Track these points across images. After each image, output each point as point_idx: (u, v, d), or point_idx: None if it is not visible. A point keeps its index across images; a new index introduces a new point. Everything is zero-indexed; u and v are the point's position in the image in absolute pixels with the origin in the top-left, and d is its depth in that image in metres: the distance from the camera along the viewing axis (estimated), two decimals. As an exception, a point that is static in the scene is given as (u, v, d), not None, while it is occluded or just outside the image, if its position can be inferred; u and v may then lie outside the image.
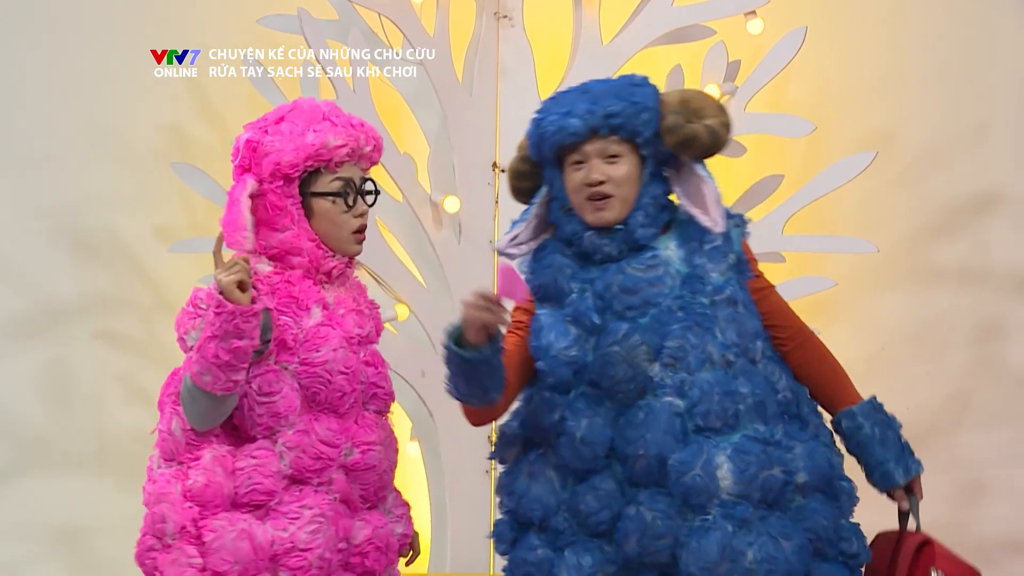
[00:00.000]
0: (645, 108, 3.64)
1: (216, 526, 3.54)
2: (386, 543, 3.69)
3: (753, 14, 5.26)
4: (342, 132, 3.66)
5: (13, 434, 5.28)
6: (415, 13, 5.22)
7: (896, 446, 3.81)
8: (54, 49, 5.32)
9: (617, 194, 3.64)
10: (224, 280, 3.45)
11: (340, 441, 3.62)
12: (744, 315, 3.66)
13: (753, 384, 3.63)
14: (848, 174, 5.17)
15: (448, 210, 5.26)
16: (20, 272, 5.30)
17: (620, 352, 3.62)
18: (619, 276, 3.66)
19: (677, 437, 3.58)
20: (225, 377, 3.48)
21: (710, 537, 3.53)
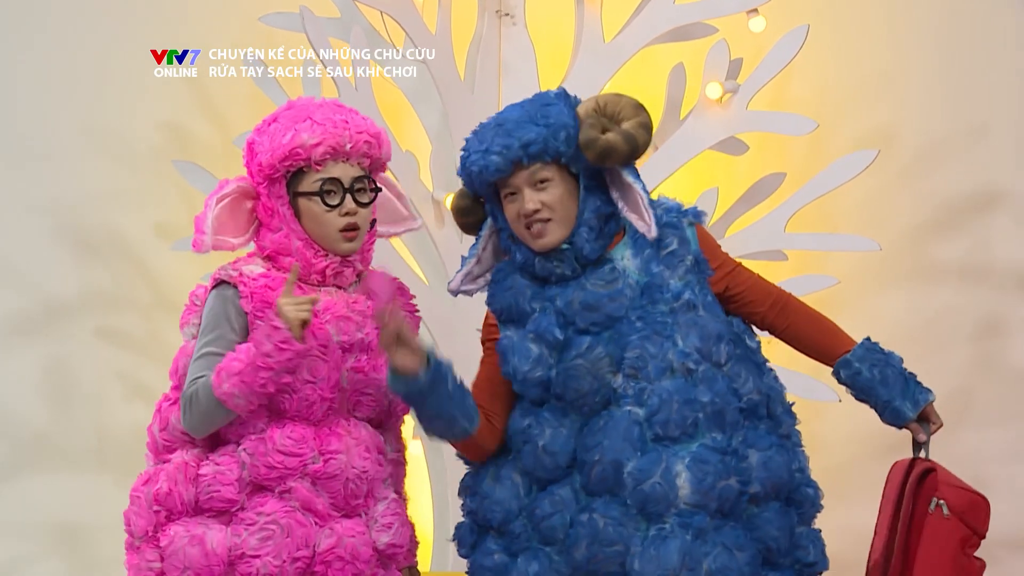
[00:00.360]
0: (561, 127, 3.59)
1: (172, 531, 3.56)
2: (352, 552, 3.62)
3: (755, 12, 5.25)
4: (319, 130, 3.61)
5: (13, 432, 5.29)
6: (417, 11, 5.21)
7: (899, 381, 3.76)
8: (54, 47, 5.32)
9: (554, 217, 3.61)
10: (292, 315, 3.46)
11: (304, 450, 3.57)
12: (705, 318, 3.63)
13: (714, 391, 3.59)
14: (850, 172, 5.17)
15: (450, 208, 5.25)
16: (21, 270, 5.30)
17: (584, 364, 3.60)
18: (580, 293, 3.63)
19: (635, 445, 3.57)
20: (258, 402, 3.51)
21: (669, 545, 3.51)
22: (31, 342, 5.30)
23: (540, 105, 3.64)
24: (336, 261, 3.67)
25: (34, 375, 5.31)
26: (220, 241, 3.65)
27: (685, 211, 3.73)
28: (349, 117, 3.66)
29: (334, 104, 3.70)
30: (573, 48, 5.32)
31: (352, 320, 3.67)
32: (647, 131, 3.60)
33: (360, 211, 3.66)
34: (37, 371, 5.31)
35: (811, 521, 3.74)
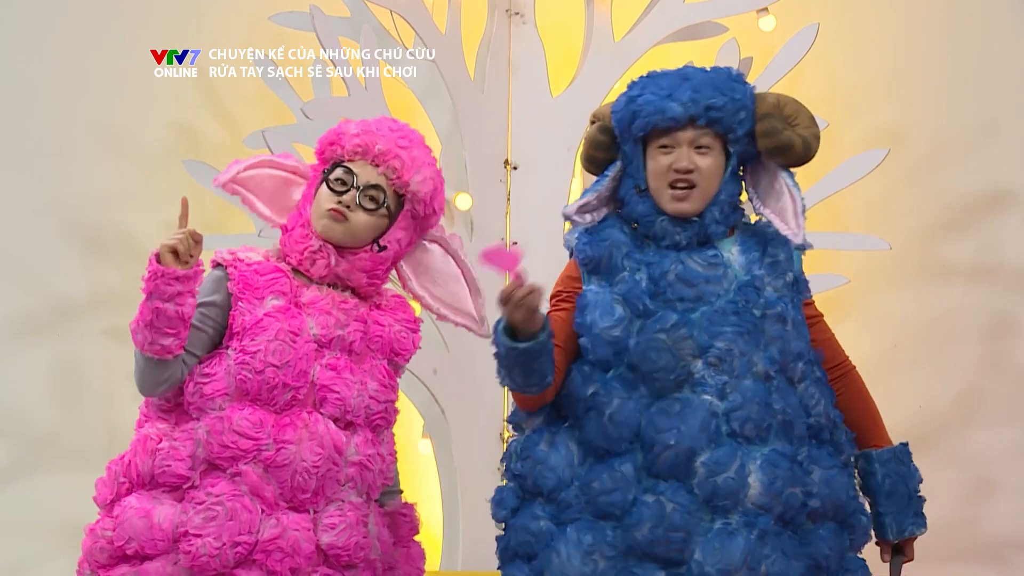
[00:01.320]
0: (743, 107, 3.63)
1: (125, 502, 3.60)
2: (293, 546, 3.60)
3: (765, 11, 5.26)
4: (363, 127, 3.70)
5: (23, 431, 5.29)
6: (427, 10, 5.22)
7: (900, 502, 3.75)
8: (63, 46, 5.32)
9: (701, 185, 3.63)
10: (163, 242, 3.52)
11: (260, 435, 3.58)
12: (791, 334, 3.65)
13: (786, 403, 3.61)
14: (859, 171, 5.17)
15: (460, 207, 5.25)
16: (30, 269, 5.30)
17: (666, 340, 3.59)
18: (678, 265, 3.64)
19: (710, 436, 3.56)
20: (151, 339, 3.54)
21: (735, 540, 3.52)
22: (40, 341, 5.30)
23: (727, 78, 3.67)
24: (314, 245, 3.69)
25: (43, 374, 5.31)
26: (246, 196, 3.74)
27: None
28: (404, 135, 3.73)
29: (406, 129, 3.76)
30: (583, 47, 5.32)
31: (334, 316, 3.69)
32: (818, 143, 3.68)
33: (357, 212, 3.68)
34: (46, 370, 5.31)
35: (860, 548, 3.74)
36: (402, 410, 5.27)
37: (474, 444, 5.25)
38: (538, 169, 5.29)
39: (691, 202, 3.64)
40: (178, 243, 3.51)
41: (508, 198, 5.31)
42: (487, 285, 3.89)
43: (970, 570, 5.39)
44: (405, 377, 5.18)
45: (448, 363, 5.23)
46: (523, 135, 5.31)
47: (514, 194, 5.31)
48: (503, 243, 3.60)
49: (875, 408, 3.82)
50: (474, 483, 5.23)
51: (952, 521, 5.31)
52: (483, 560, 5.22)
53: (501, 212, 5.31)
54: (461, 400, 5.25)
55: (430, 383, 5.20)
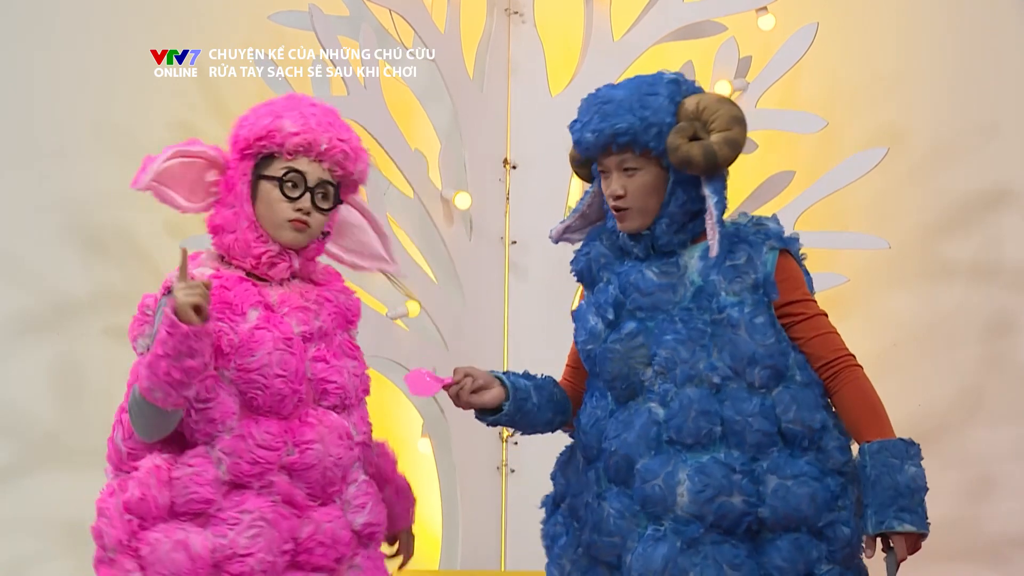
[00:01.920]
0: (654, 123, 3.59)
1: (152, 539, 3.52)
2: (332, 537, 3.62)
3: (764, 10, 5.26)
4: (301, 122, 3.64)
5: (23, 430, 5.29)
6: (426, 9, 5.22)
7: (883, 494, 3.59)
8: (63, 45, 5.32)
9: (634, 206, 3.63)
10: (181, 300, 3.42)
11: (279, 444, 3.58)
12: (742, 338, 3.60)
13: (739, 410, 3.58)
14: (859, 170, 5.17)
15: (459, 206, 5.26)
16: (31, 268, 5.30)
17: (620, 349, 3.64)
18: (638, 275, 3.66)
19: (650, 444, 3.59)
20: (176, 394, 3.47)
21: (658, 548, 3.53)
22: (41, 340, 5.30)
23: (644, 93, 3.64)
24: (274, 250, 3.67)
25: (44, 373, 5.31)
26: (165, 193, 3.69)
27: (771, 234, 3.70)
28: (336, 124, 3.69)
29: (329, 110, 3.71)
30: (582, 46, 5.32)
31: (310, 310, 3.69)
32: (732, 147, 3.59)
33: (315, 214, 3.67)
34: (47, 369, 5.31)
35: (847, 562, 3.64)
36: (401, 409, 5.31)
37: (473, 444, 5.25)
38: (537, 168, 5.30)
39: (630, 221, 3.66)
40: (200, 299, 3.44)
41: (507, 197, 5.32)
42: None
43: (970, 569, 5.39)
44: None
45: (447, 362, 5.23)
46: (522, 134, 5.32)
47: (513, 193, 5.32)
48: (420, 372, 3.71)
49: (875, 405, 3.68)
50: (473, 482, 5.24)
51: (952, 520, 5.30)
52: (482, 559, 5.24)
53: (500, 211, 5.32)
54: (460, 399, 5.25)
55: (429, 382, 5.20)
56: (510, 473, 5.27)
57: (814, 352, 3.68)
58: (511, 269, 5.32)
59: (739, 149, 3.60)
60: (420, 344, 5.21)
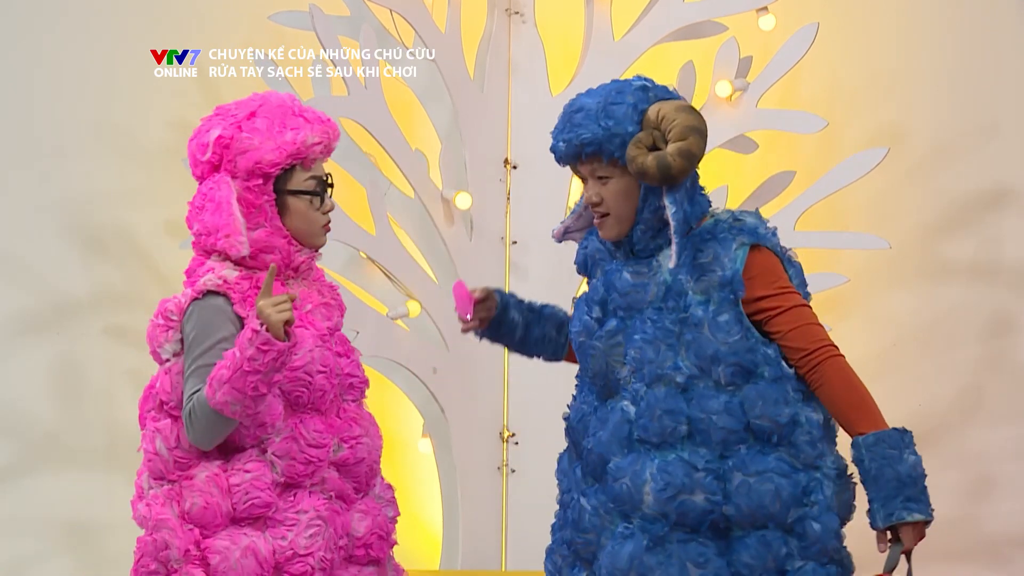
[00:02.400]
0: (617, 133, 3.58)
1: (220, 547, 3.53)
2: (386, 529, 3.69)
3: (765, 10, 5.26)
4: (317, 130, 3.64)
5: (23, 430, 5.29)
6: (426, 9, 5.22)
7: (887, 486, 3.56)
8: (63, 45, 5.32)
9: (612, 212, 3.63)
10: (274, 317, 3.42)
11: (327, 440, 3.60)
12: (705, 338, 3.59)
13: (704, 408, 3.58)
14: (860, 170, 5.17)
15: (459, 206, 5.26)
16: (30, 268, 5.30)
17: (600, 347, 3.65)
18: (618, 275, 3.68)
19: (622, 443, 3.60)
20: (255, 407, 3.48)
21: (625, 546, 3.55)
22: (41, 340, 5.30)
23: (609, 102, 3.62)
24: (311, 256, 3.70)
25: (44, 373, 5.31)
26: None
27: (745, 229, 3.66)
28: (323, 115, 3.70)
29: (299, 101, 3.70)
30: (583, 46, 5.32)
31: (331, 306, 3.71)
32: (686, 158, 3.55)
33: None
34: (47, 369, 5.31)
35: (819, 557, 3.61)
36: (402, 409, 5.31)
37: (474, 443, 5.25)
38: (538, 168, 5.29)
39: (607, 229, 3.66)
40: (291, 315, 3.44)
41: (508, 197, 5.32)
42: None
43: (970, 568, 5.39)
44: (405, 376, 5.22)
45: (448, 362, 5.23)
46: (523, 134, 5.32)
47: (514, 193, 5.32)
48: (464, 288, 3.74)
49: (863, 395, 3.62)
50: (474, 482, 5.24)
51: (952, 520, 5.30)
52: (483, 559, 5.24)
53: (501, 211, 5.32)
54: (461, 399, 5.25)
55: (430, 382, 5.20)
56: (511, 473, 5.27)
57: (793, 345, 3.62)
58: (512, 269, 5.32)
59: (695, 160, 3.57)
60: (421, 344, 5.21)
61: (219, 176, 3.60)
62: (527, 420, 5.28)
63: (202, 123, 3.67)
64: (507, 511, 5.27)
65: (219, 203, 3.58)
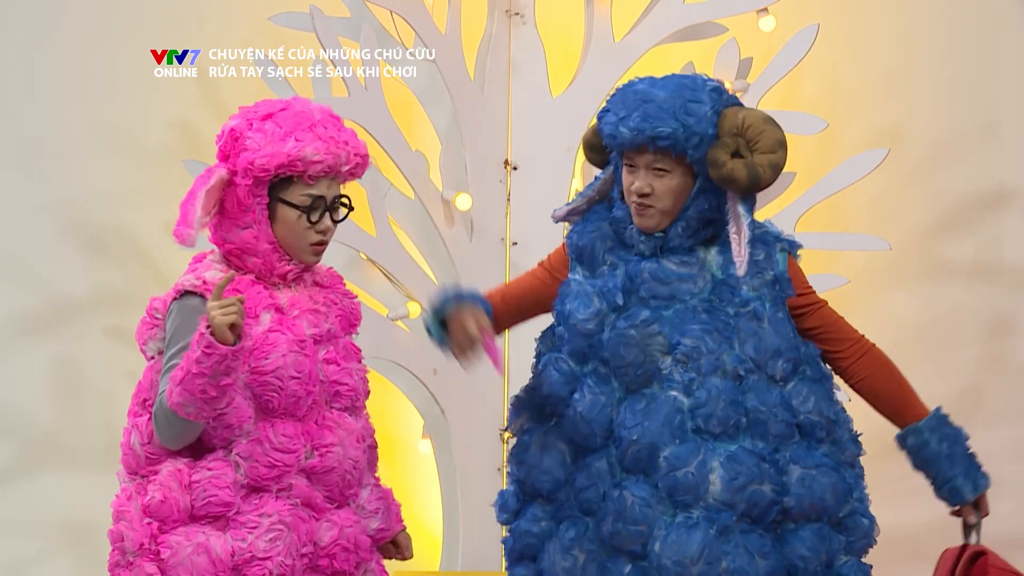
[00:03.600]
0: (697, 133, 3.60)
1: (173, 542, 3.53)
2: (354, 542, 3.65)
3: (765, 11, 5.26)
4: (322, 147, 3.58)
5: (23, 431, 5.29)
6: (427, 10, 5.22)
7: (964, 460, 3.80)
8: (64, 46, 5.32)
9: (658, 206, 3.64)
10: (218, 320, 3.40)
11: (297, 446, 3.58)
12: (767, 331, 3.66)
13: (761, 401, 3.63)
14: (860, 171, 5.17)
15: (460, 207, 5.26)
16: (30, 269, 5.30)
17: (636, 336, 3.64)
18: (653, 264, 3.68)
19: (675, 432, 3.61)
20: (210, 409, 3.48)
21: (693, 535, 3.56)
22: (41, 341, 5.30)
23: (687, 99, 3.64)
24: (298, 267, 3.67)
25: (44, 374, 5.31)
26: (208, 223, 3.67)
27: (782, 237, 3.78)
28: (349, 136, 3.64)
29: (331, 115, 3.66)
30: (583, 47, 5.32)
31: (320, 312, 3.69)
32: (774, 171, 3.61)
33: (331, 228, 3.67)
34: (47, 370, 5.31)
35: (861, 553, 3.73)
36: (402, 410, 5.31)
37: (474, 444, 5.26)
38: (538, 169, 5.30)
39: (650, 219, 3.67)
40: (237, 318, 3.42)
41: (508, 198, 5.32)
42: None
43: (970, 569, 5.40)
44: (405, 377, 5.22)
45: (448, 363, 5.20)
46: (523, 135, 5.32)
47: (514, 194, 5.32)
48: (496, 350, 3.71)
49: (905, 381, 3.83)
50: (474, 483, 5.24)
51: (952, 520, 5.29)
52: (483, 560, 5.24)
53: (501, 212, 5.32)
54: (461, 400, 5.25)
55: (430, 383, 5.20)
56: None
57: (836, 336, 3.78)
58: (512, 270, 5.32)
59: (779, 173, 3.63)
60: (421, 345, 5.20)
61: (216, 165, 3.62)
62: (527, 421, 5.28)
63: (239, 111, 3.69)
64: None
65: (192, 191, 3.60)
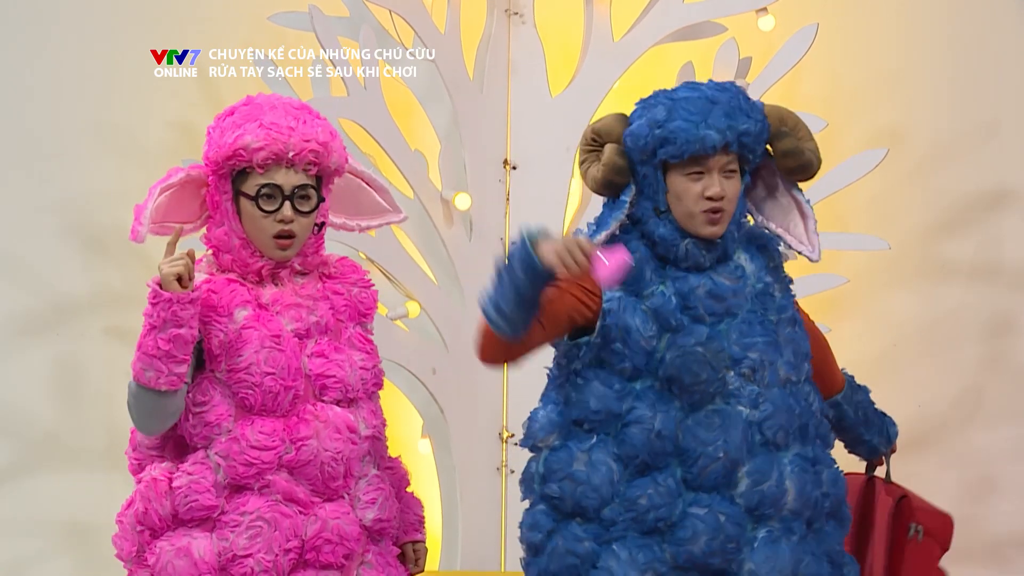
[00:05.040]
0: (765, 128, 3.62)
1: (158, 548, 3.57)
2: (339, 534, 3.63)
3: (764, 11, 5.25)
4: (263, 135, 3.58)
5: (23, 431, 5.29)
6: (426, 10, 5.22)
7: (876, 420, 3.99)
8: (64, 45, 5.32)
9: (728, 209, 3.63)
10: (165, 270, 3.46)
11: (275, 442, 3.58)
12: (800, 335, 3.70)
13: (800, 405, 3.66)
14: (859, 171, 5.17)
15: (459, 207, 5.26)
16: (30, 269, 5.30)
17: (705, 354, 3.60)
18: (707, 281, 3.64)
19: (750, 447, 3.62)
20: (168, 370, 3.49)
21: (782, 547, 3.60)
22: (40, 341, 5.30)
23: (744, 99, 3.64)
24: (271, 263, 3.68)
25: (44, 374, 5.31)
26: (167, 228, 3.65)
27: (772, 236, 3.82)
28: (298, 123, 3.63)
29: (289, 106, 3.66)
30: (582, 47, 5.32)
31: (303, 306, 3.68)
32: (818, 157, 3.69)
33: (298, 219, 3.65)
34: (47, 370, 5.31)
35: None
36: (401, 410, 5.31)
37: (473, 444, 5.25)
38: (537, 169, 5.30)
39: (722, 226, 3.63)
40: (182, 268, 3.46)
41: (507, 198, 5.32)
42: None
43: (969, 569, 5.38)
44: (404, 376, 5.22)
45: (447, 363, 5.23)
46: (522, 135, 5.31)
47: (513, 194, 5.31)
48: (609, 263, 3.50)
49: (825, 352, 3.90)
50: (473, 483, 5.24)
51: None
52: (482, 560, 5.24)
53: (500, 212, 5.31)
54: (460, 400, 5.25)
55: (429, 383, 5.20)
56: (510, 474, 5.27)
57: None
58: (511, 270, 5.31)
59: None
60: (420, 345, 5.21)
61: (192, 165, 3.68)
62: (527, 421, 5.28)
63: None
64: (506, 512, 5.27)
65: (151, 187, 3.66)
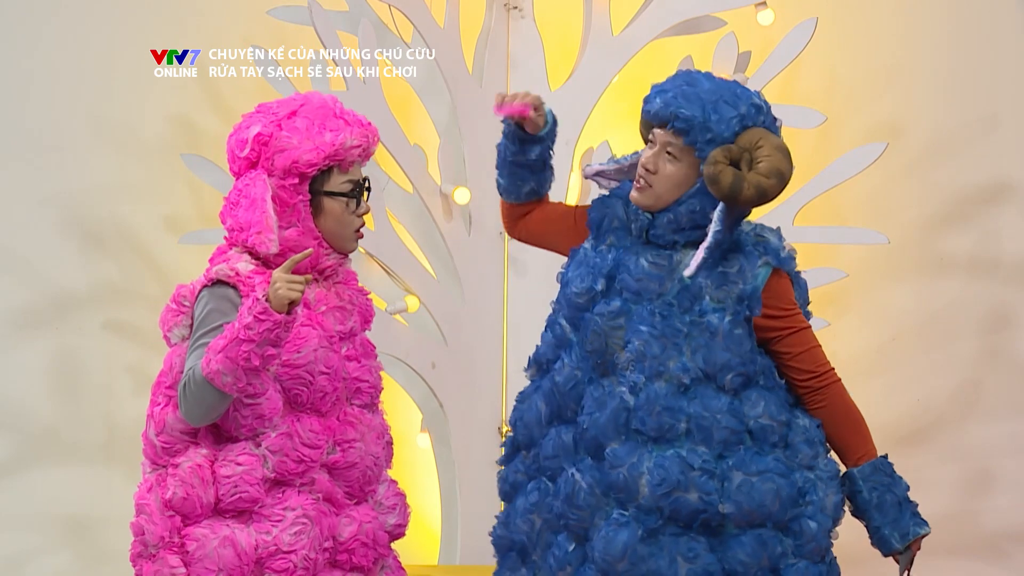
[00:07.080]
0: (712, 131, 3.60)
1: (199, 535, 3.55)
2: (373, 538, 3.67)
3: (764, 5, 5.26)
4: (357, 133, 3.65)
5: (22, 425, 5.29)
6: (425, 4, 5.21)
7: (893, 510, 3.74)
8: (63, 40, 5.31)
9: (656, 187, 3.65)
10: (282, 292, 3.43)
11: (322, 441, 3.60)
12: (718, 345, 3.64)
13: (707, 408, 3.63)
14: (858, 165, 5.17)
15: (458, 201, 5.26)
16: (29, 263, 5.30)
17: (601, 324, 3.67)
18: (633, 259, 3.69)
19: (619, 430, 3.64)
20: (247, 380, 3.47)
21: (620, 533, 3.60)
22: (39, 335, 5.30)
23: (724, 99, 3.63)
24: (339, 260, 3.70)
25: (43, 368, 5.31)
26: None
27: (769, 250, 3.73)
28: (364, 119, 3.70)
29: (341, 103, 3.71)
30: (581, 41, 5.32)
31: (346, 309, 3.70)
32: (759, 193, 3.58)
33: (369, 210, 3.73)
34: (46, 364, 5.31)
35: (812, 556, 3.69)
36: (400, 404, 5.32)
37: (472, 438, 5.25)
38: (536, 163, 5.29)
39: (642, 198, 3.68)
40: (299, 296, 3.45)
41: (506, 192, 5.31)
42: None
43: (968, 564, 5.40)
44: (403, 371, 5.22)
45: (446, 357, 5.23)
46: (521, 130, 5.31)
47: (512, 188, 5.31)
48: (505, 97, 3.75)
49: (859, 422, 3.78)
50: (472, 477, 5.24)
51: (950, 514, 5.31)
52: (482, 554, 5.22)
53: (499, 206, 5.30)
54: (459, 394, 5.25)
55: (428, 377, 5.20)
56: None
57: (801, 366, 3.73)
58: (510, 264, 5.32)
59: (764, 199, 3.61)
60: (419, 339, 5.21)
61: (255, 173, 3.61)
62: (526, 415, 5.28)
63: (243, 119, 3.69)
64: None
65: (253, 200, 3.59)
